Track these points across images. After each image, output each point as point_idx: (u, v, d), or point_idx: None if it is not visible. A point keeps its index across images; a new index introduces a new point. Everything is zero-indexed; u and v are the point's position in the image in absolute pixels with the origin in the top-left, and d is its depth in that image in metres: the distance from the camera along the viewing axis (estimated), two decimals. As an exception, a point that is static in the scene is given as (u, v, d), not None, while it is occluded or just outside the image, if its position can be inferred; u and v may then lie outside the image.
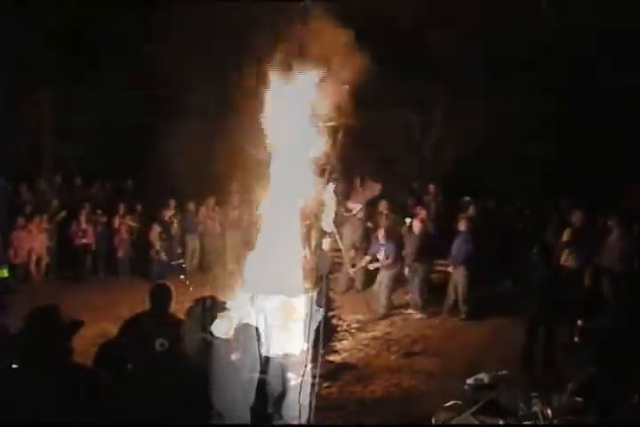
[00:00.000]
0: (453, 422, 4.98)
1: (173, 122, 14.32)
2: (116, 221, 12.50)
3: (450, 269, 9.98)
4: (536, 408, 4.90)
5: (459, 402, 5.20)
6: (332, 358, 7.85)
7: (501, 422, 4.85)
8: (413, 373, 7.38)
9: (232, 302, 7.30)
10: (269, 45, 7.86)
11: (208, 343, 4.31)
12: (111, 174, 14.49)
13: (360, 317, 9.75)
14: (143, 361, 4.04)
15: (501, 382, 5.31)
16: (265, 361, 4.62)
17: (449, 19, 13.11)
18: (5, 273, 9.15)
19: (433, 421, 5.02)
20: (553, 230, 10.81)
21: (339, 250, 9.68)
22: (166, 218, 12.41)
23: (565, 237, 9.58)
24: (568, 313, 6.83)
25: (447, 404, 5.24)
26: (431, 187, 13.02)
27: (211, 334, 4.31)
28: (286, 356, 4.69)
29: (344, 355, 8.13)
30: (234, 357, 4.29)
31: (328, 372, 6.96)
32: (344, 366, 7.62)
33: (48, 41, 14.00)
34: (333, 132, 7.33)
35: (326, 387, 6.71)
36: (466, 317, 9.56)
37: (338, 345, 8.49)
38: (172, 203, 12.78)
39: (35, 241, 11.71)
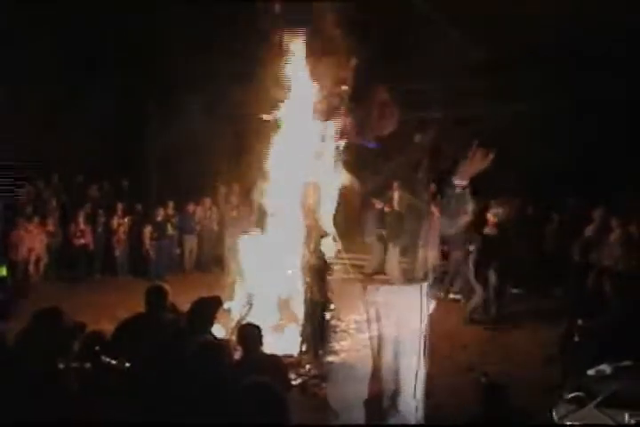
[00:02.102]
0: (576, 415, 4.68)
1: (173, 122, 14.28)
2: (114, 222, 12.47)
3: None
4: None
5: (580, 394, 4.84)
6: (331, 358, 7.79)
7: (627, 415, 4.52)
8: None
9: (231, 302, 7.28)
10: (271, 46, 7.84)
11: None
12: (110, 174, 14.44)
13: (358, 317, 9.69)
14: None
15: (625, 373, 4.98)
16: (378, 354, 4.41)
17: (449, 19, 13.07)
18: (4, 271, 9.11)
19: (554, 414, 4.69)
20: (554, 230, 10.79)
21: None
22: (159, 218, 12.36)
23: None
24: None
25: (568, 396, 4.89)
26: (432, 186, 12.92)
27: (212, 335, 4.29)
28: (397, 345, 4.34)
29: (343, 355, 8.06)
30: (236, 357, 4.26)
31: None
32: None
33: (47, 40, 13.96)
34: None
35: (325, 387, 6.65)
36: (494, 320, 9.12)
37: (336, 346, 8.42)
38: (171, 204, 12.74)
39: (35, 241, 11.67)
